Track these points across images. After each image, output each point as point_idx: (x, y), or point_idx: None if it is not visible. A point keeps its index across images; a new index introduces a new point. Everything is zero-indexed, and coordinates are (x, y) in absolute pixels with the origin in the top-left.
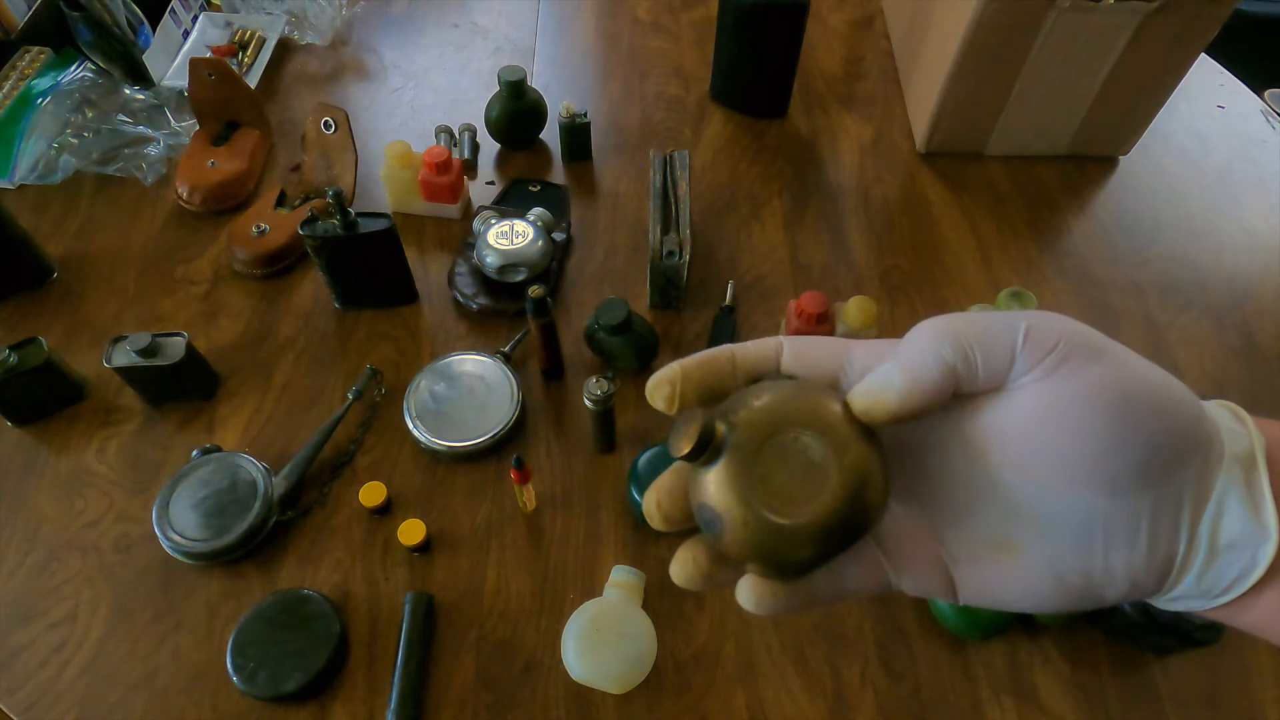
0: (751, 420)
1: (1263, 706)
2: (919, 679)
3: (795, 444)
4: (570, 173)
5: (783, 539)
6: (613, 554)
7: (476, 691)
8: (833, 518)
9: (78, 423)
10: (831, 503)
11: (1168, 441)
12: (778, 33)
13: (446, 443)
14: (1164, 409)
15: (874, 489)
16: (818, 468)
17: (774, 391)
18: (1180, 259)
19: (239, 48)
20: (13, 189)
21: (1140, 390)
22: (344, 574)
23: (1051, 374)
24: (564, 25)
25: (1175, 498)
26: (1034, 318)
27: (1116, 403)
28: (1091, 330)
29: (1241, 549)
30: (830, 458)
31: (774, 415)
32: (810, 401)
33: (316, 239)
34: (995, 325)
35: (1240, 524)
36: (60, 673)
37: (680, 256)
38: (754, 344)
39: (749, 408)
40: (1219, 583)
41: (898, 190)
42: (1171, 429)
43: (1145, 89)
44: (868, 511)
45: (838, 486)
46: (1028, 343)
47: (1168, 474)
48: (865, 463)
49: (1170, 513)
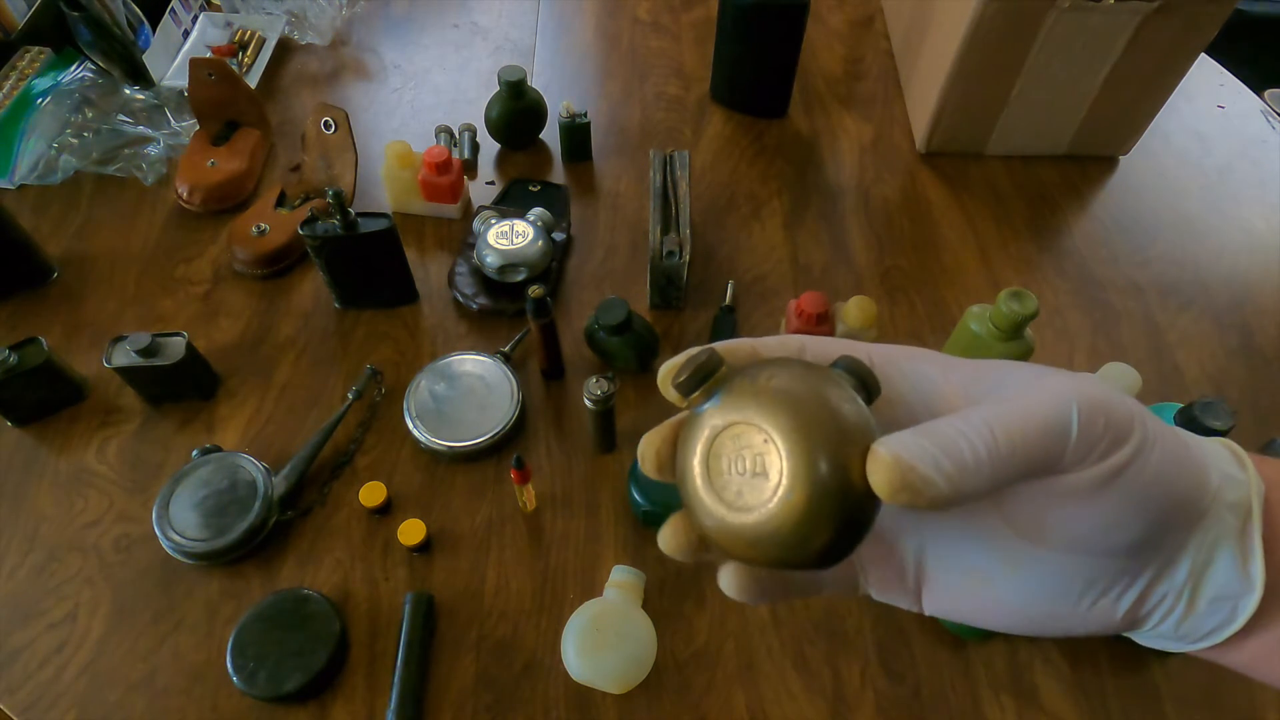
0: (757, 389)
1: (1263, 707)
2: (919, 679)
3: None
4: (570, 173)
5: (727, 531)
6: (613, 554)
7: (476, 691)
8: (770, 538)
9: (78, 423)
10: (772, 526)
11: (1175, 520)
12: (778, 33)
13: (446, 443)
14: (1178, 491)
15: (828, 536)
16: (786, 481)
17: (795, 376)
18: (1180, 259)
19: (239, 48)
20: (13, 189)
21: (1161, 475)
22: (344, 574)
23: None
24: (564, 25)
25: (1165, 557)
26: (1081, 399)
27: (1136, 491)
28: (1122, 401)
29: (1224, 600)
30: (805, 480)
31: (779, 398)
32: (829, 412)
33: (316, 239)
34: (1051, 415)
35: (1226, 576)
36: (60, 673)
37: (680, 256)
38: (777, 340)
39: (766, 373)
40: (1197, 630)
41: (898, 190)
42: (1181, 506)
43: (1145, 89)
44: (812, 554)
45: (792, 514)
46: (1079, 440)
47: (1165, 542)
48: (837, 512)
49: (1156, 569)
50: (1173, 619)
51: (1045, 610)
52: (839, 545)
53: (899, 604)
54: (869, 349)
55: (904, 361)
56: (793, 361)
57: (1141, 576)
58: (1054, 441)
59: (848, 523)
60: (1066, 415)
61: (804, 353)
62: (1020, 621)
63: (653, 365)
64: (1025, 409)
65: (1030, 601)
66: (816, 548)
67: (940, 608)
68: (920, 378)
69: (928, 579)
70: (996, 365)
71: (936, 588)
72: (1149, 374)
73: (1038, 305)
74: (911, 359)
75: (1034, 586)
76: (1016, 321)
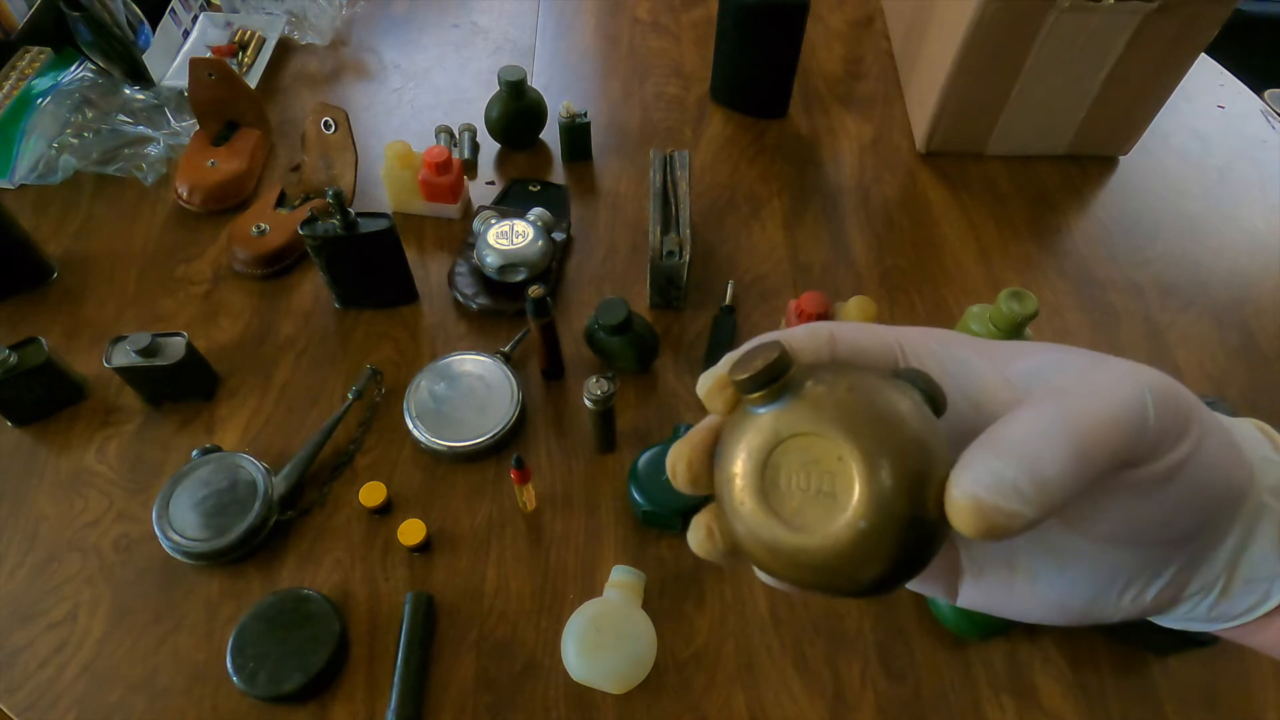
0: (837, 400)
1: (1262, 707)
2: (919, 679)
3: (848, 463)
4: (570, 173)
5: (776, 549)
6: (613, 554)
7: (476, 691)
8: (825, 564)
9: (78, 423)
10: (833, 552)
11: (1226, 508)
12: (778, 33)
13: (446, 443)
14: (1232, 480)
15: (887, 568)
16: (859, 508)
17: (876, 391)
18: (1180, 259)
19: (239, 48)
20: (13, 189)
21: (1217, 466)
22: (344, 574)
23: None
24: (564, 25)
25: (1207, 543)
26: (1154, 388)
27: (1196, 482)
28: (1182, 389)
29: (1259, 583)
30: (881, 511)
31: (862, 416)
32: (913, 438)
33: (316, 239)
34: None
35: (1263, 559)
36: (60, 673)
37: (680, 256)
38: (803, 331)
39: (845, 383)
40: (1229, 612)
41: (898, 190)
42: (1232, 494)
43: (1145, 89)
44: (864, 584)
45: (858, 544)
46: (1154, 433)
47: (1213, 530)
48: (904, 546)
49: (1198, 555)
50: (1207, 602)
51: (1085, 601)
52: (896, 578)
53: (932, 594)
54: (897, 334)
55: (936, 346)
56: (868, 372)
57: (1184, 564)
58: (1134, 436)
59: (912, 557)
60: (1142, 406)
61: (834, 341)
62: (1055, 614)
63: (653, 366)
64: (1100, 402)
65: (1071, 595)
66: (869, 578)
67: (974, 601)
68: (957, 364)
69: (966, 572)
70: (1038, 348)
71: (975, 581)
72: None
73: (1038, 305)
74: (945, 343)
75: (1077, 580)
76: (1016, 321)
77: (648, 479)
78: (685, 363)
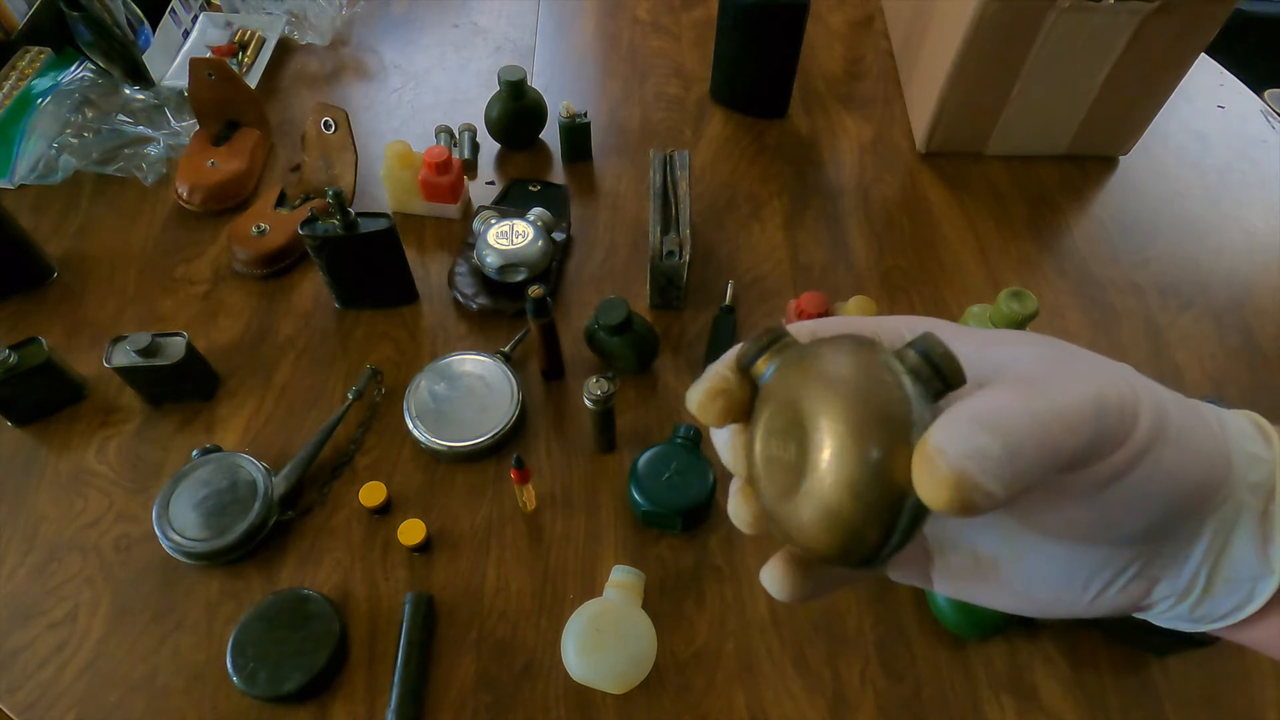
0: (804, 367)
1: (1262, 706)
2: (919, 679)
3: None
4: (570, 173)
5: (771, 514)
6: (613, 554)
7: (476, 691)
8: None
9: (78, 423)
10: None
11: (1190, 509)
12: (778, 33)
13: (446, 443)
14: (1193, 482)
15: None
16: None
17: (848, 359)
18: (1180, 259)
19: (239, 48)
20: (13, 189)
21: (1174, 469)
22: (344, 574)
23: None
24: (564, 25)
25: (1178, 542)
26: (1108, 390)
27: (1142, 487)
28: (1132, 403)
29: (1242, 583)
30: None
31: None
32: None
33: (316, 239)
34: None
35: (1245, 559)
36: (60, 673)
37: (680, 256)
38: (790, 328)
39: (815, 352)
40: (1213, 612)
41: (898, 190)
42: (1197, 494)
43: (1145, 89)
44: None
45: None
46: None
47: (1179, 529)
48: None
49: (1168, 554)
50: (1187, 602)
51: (1051, 596)
52: (862, 551)
53: (913, 583)
54: (878, 323)
55: (906, 333)
56: (850, 341)
57: (1152, 562)
58: (1083, 439)
59: (878, 527)
60: (1096, 407)
61: (815, 336)
62: (1026, 605)
63: (653, 365)
64: (1056, 397)
65: (1035, 587)
66: (836, 549)
67: (949, 589)
68: None
69: (936, 560)
70: (1000, 337)
71: (945, 569)
72: (1149, 374)
73: (1038, 305)
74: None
75: (1040, 574)
76: (1016, 321)
77: (648, 479)
78: (685, 363)
